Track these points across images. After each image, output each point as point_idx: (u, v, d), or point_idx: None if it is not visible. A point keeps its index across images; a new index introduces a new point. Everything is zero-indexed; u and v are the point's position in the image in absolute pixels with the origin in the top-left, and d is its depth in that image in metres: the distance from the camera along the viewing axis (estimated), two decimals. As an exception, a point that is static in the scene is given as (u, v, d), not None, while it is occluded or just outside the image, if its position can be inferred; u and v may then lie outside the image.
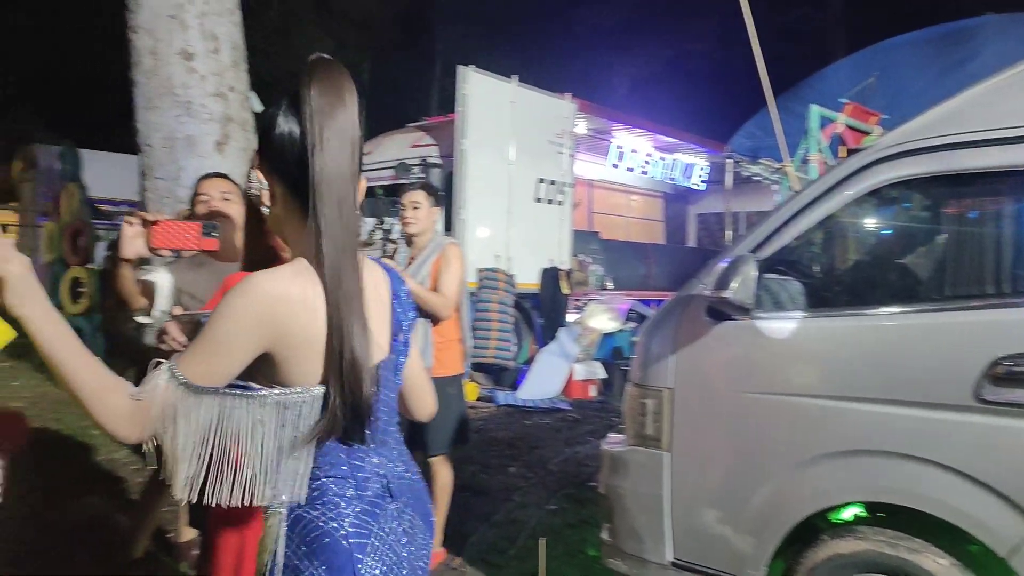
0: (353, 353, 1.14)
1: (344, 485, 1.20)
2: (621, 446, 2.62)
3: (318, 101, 1.14)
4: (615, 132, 10.73)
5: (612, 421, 6.71)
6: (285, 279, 1.16)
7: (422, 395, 1.49)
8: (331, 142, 1.14)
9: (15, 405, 6.15)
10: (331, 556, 1.16)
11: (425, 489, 1.37)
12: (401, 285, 1.36)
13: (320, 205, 1.14)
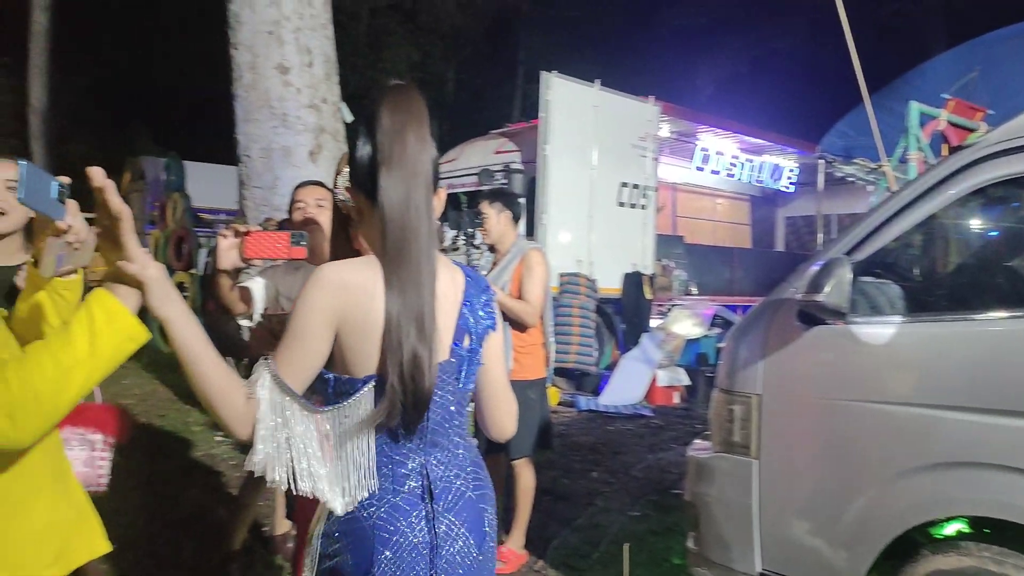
0: (412, 346, 1.20)
1: (383, 478, 1.26)
2: (707, 453, 2.58)
3: (388, 122, 1.24)
4: (700, 134, 10.54)
5: (696, 428, 6.58)
6: (349, 268, 1.26)
7: (496, 412, 1.49)
8: (399, 159, 1.23)
9: (125, 402, 6.55)
10: (357, 539, 1.24)
11: (483, 501, 1.35)
12: (480, 294, 1.38)
13: (388, 215, 1.23)
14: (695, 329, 8.28)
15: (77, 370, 1.05)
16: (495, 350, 1.44)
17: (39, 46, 15.33)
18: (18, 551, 1.16)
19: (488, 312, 1.39)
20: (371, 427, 1.23)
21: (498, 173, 8.23)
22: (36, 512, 1.20)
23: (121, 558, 3.32)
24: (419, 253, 1.23)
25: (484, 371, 1.42)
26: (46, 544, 1.20)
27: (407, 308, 1.21)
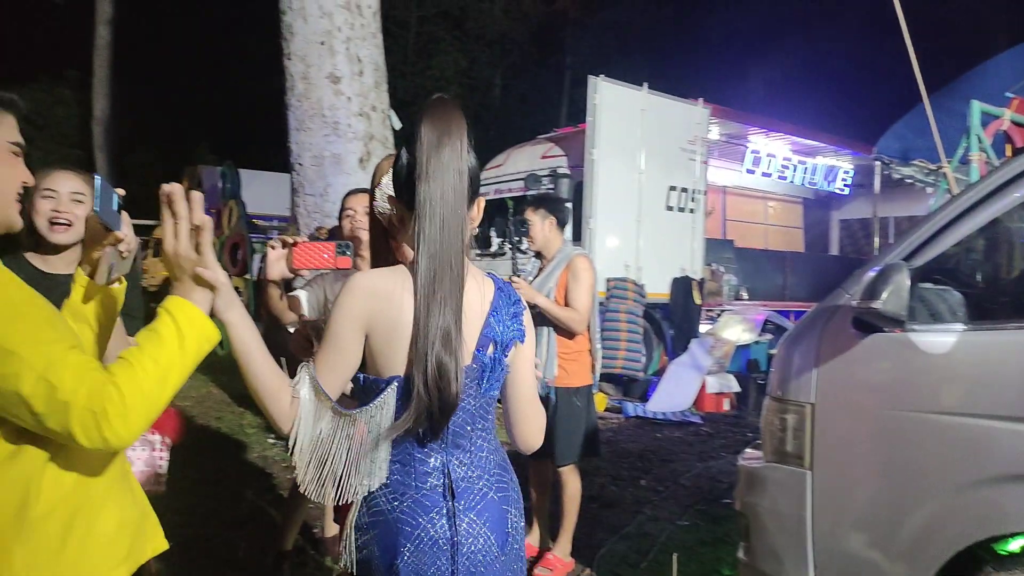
0: (438, 355, 1.26)
1: (406, 474, 1.33)
2: (759, 462, 2.53)
3: (427, 136, 1.29)
4: (751, 136, 10.37)
5: (747, 436, 6.46)
6: (378, 276, 1.36)
7: (522, 425, 1.50)
8: (436, 171, 1.29)
9: (182, 404, 6.74)
10: (382, 532, 1.31)
11: (506, 503, 1.39)
12: (509, 305, 1.42)
13: (422, 225, 1.29)
14: (746, 335, 8.15)
15: (173, 370, 1.13)
16: (523, 363, 1.46)
17: (102, 59, 15.94)
18: (95, 553, 1.20)
19: (516, 323, 1.42)
20: (399, 431, 1.29)
21: (545, 178, 8.23)
22: (109, 513, 1.24)
23: (177, 557, 3.41)
24: (448, 263, 1.29)
25: (511, 384, 1.46)
26: (118, 544, 1.24)
27: (434, 317, 1.27)
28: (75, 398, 1.04)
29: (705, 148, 8.98)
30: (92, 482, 1.22)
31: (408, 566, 1.29)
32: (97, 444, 1.06)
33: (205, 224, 1.16)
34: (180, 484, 4.35)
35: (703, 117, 8.88)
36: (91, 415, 1.05)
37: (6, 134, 1.21)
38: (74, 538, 1.17)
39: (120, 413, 1.05)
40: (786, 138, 10.63)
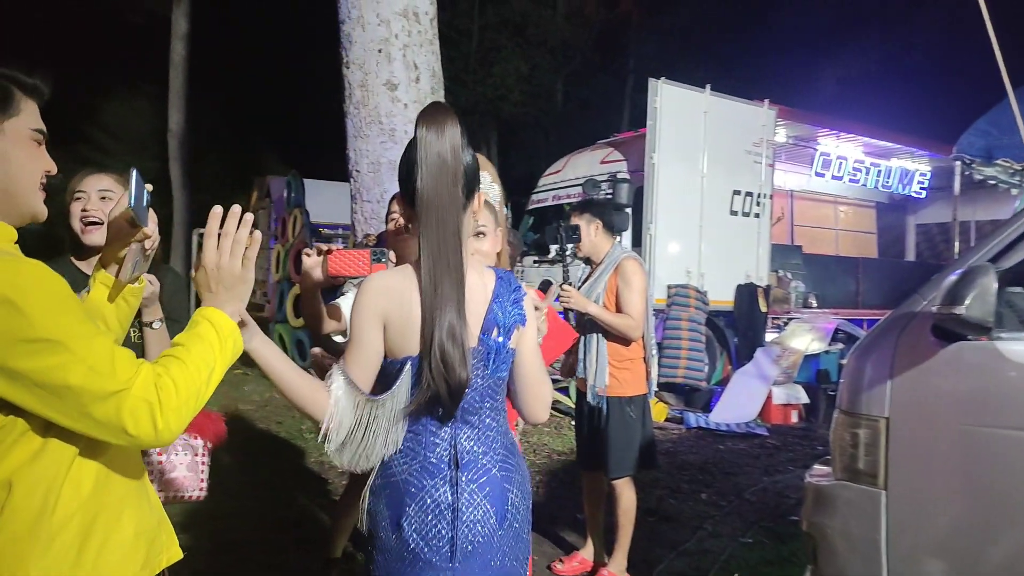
0: (441, 337, 1.37)
1: (417, 442, 1.45)
2: (828, 480, 2.36)
3: (423, 136, 1.41)
4: (820, 138, 10.00)
5: (816, 450, 6.19)
6: (388, 276, 1.50)
7: (525, 396, 1.59)
8: (431, 172, 1.40)
9: (244, 407, 6.88)
10: (391, 493, 1.45)
11: (508, 482, 1.48)
12: (510, 293, 1.53)
13: (423, 220, 1.41)
14: (815, 344, 7.83)
15: (216, 372, 1.16)
16: (527, 342, 1.55)
17: (177, 73, 16.56)
18: (113, 562, 1.17)
19: (517, 308, 1.52)
20: (414, 409, 1.42)
21: (604, 183, 8.10)
22: (127, 520, 1.20)
23: (228, 558, 3.44)
24: (447, 259, 1.40)
25: (516, 363, 1.55)
26: (136, 552, 1.21)
27: (439, 311, 1.39)
28: (129, 388, 1.04)
29: (771, 151, 8.69)
30: (111, 487, 1.19)
31: (412, 525, 1.41)
32: (146, 435, 1.05)
33: (257, 240, 1.26)
34: (237, 487, 4.43)
35: (769, 119, 8.60)
36: (146, 405, 1.04)
37: (29, 121, 1.18)
38: (91, 547, 1.14)
39: (175, 406, 1.07)
40: (858, 139, 10.20)
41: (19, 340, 1.00)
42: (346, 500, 3.17)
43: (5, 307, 0.99)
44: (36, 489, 1.09)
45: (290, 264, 9.94)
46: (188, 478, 2.02)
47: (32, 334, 1.00)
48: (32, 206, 1.20)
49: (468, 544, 1.41)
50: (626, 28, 24.43)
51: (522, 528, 1.51)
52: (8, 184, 1.16)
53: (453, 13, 21.86)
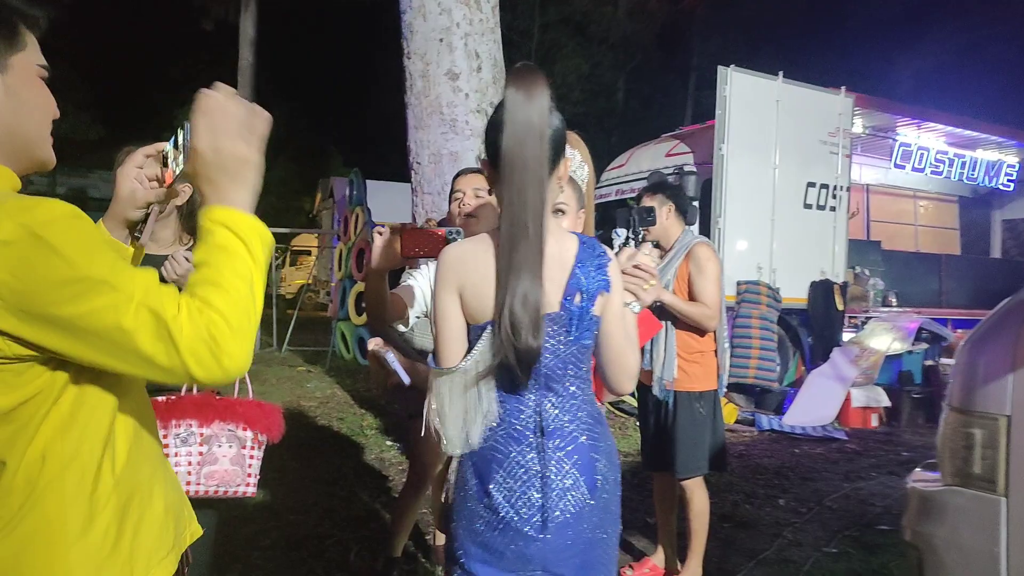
0: (513, 303, 1.34)
1: (503, 409, 1.43)
2: (936, 485, 2.12)
3: (510, 100, 1.35)
4: (899, 128, 9.49)
5: (900, 455, 5.82)
6: (463, 244, 1.49)
7: (611, 368, 1.52)
8: (517, 131, 1.34)
9: (307, 404, 6.89)
10: (478, 461, 1.43)
11: (595, 451, 1.44)
12: (593, 258, 1.46)
13: (505, 182, 1.37)
14: (896, 344, 7.40)
15: (257, 282, 1.00)
16: (612, 311, 1.49)
17: (245, 78, 16.92)
18: (149, 542, 1.07)
19: (601, 273, 1.45)
20: (486, 374, 1.39)
21: (670, 176, 7.84)
22: (157, 496, 1.11)
23: (290, 555, 3.37)
24: (526, 223, 1.35)
25: (602, 328, 1.49)
26: (166, 530, 1.11)
27: (514, 275, 1.34)
28: (180, 327, 0.90)
29: (848, 141, 8.27)
30: (142, 460, 1.08)
31: (501, 491, 1.38)
32: (216, 376, 0.93)
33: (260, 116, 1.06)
34: (299, 484, 4.38)
35: (846, 107, 8.18)
36: (203, 344, 0.91)
37: (34, 56, 1.06)
38: (128, 528, 1.03)
39: (229, 337, 0.93)
40: (941, 129, 9.65)
41: (58, 283, 0.87)
42: (404, 500, 3.06)
43: (37, 246, 0.87)
44: (73, 464, 0.98)
45: (352, 262, 9.98)
46: (232, 472, 1.88)
47: (72, 274, 0.88)
48: (43, 150, 1.09)
49: (560, 513, 1.38)
50: (689, 22, 23.95)
51: (611, 499, 1.46)
52: (19, 124, 1.03)
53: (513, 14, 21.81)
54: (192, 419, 1.86)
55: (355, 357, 9.69)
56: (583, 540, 1.40)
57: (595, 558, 1.44)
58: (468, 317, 1.44)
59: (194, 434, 1.86)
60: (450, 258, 1.45)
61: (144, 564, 1.05)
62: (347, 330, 9.96)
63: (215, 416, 1.86)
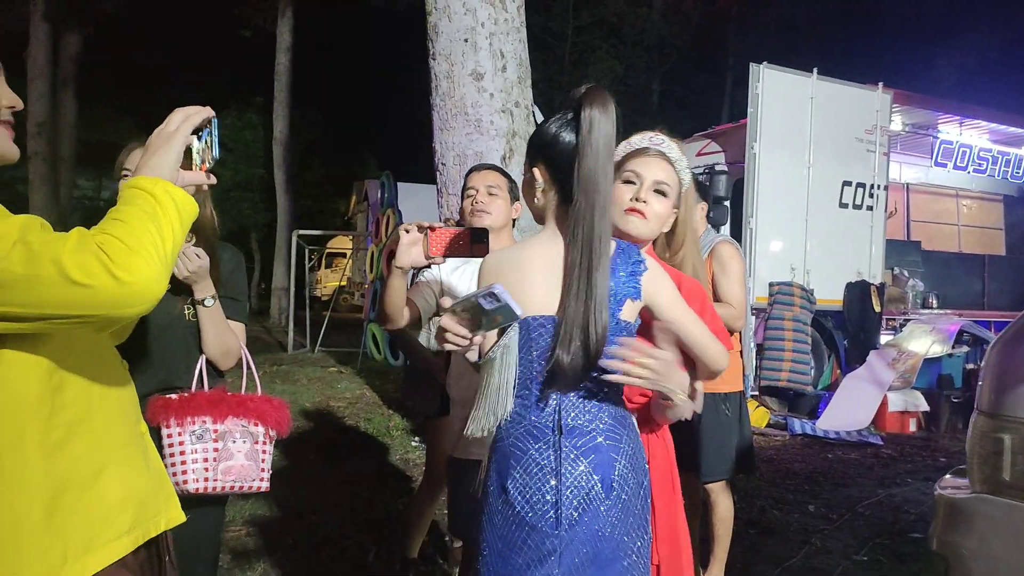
0: (588, 306, 1.40)
1: (524, 407, 1.47)
2: (964, 493, 2.03)
3: (592, 117, 1.42)
4: (940, 125, 9.21)
5: (938, 461, 5.65)
6: (505, 251, 1.57)
7: (701, 357, 1.54)
8: (598, 151, 1.42)
9: (336, 404, 6.94)
10: (499, 456, 1.48)
11: (615, 451, 1.44)
12: (628, 264, 1.49)
13: (583, 198, 1.42)
14: (936, 347, 7.19)
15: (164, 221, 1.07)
16: (673, 311, 1.51)
17: (282, 84, 17.19)
18: (93, 522, 1.10)
19: (633, 280, 1.48)
20: (548, 366, 1.43)
21: (701, 176, 7.72)
22: (111, 479, 1.14)
23: (309, 556, 3.38)
24: (599, 238, 1.41)
25: (677, 331, 1.50)
26: (122, 513, 1.14)
27: (587, 282, 1.40)
28: (64, 243, 0.98)
29: (886, 139, 8.06)
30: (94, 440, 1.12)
31: (517, 488, 1.42)
32: (108, 285, 0.97)
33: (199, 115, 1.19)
34: (324, 484, 4.40)
35: (884, 104, 7.97)
36: (91, 256, 0.97)
37: None
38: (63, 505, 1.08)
39: (126, 253, 0.99)
40: (984, 126, 9.34)
41: None
42: (420, 500, 3.05)
43: None
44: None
45: (383, 263, 10.04)
46: (248, 467, 1.88)
47: None
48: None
49: (573, 511, 1.39)
50: (725, 22, 23.66)
51: (632, 501, 1.45)
52: None
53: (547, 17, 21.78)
54: (206, 415, 1.86)
55: (386, 358, 9.75)
56: (599, 538, 1.40)
57: (610, 557, 1.42)
58: None
59: (208, 430, 1.86)
60: (490, 267, 1.54)
61: (82, 544, 1.08)
62: (378, 332, 10.03)
63: (228, 412, 1.87)
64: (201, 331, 1.91)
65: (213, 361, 1.96)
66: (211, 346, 1.93)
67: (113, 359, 1.24)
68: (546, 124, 1.54)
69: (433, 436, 3.04)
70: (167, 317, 1.87)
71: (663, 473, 1.63)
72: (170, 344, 1.90)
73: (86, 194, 21.10)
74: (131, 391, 1.25)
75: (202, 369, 1.93)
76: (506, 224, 2.36)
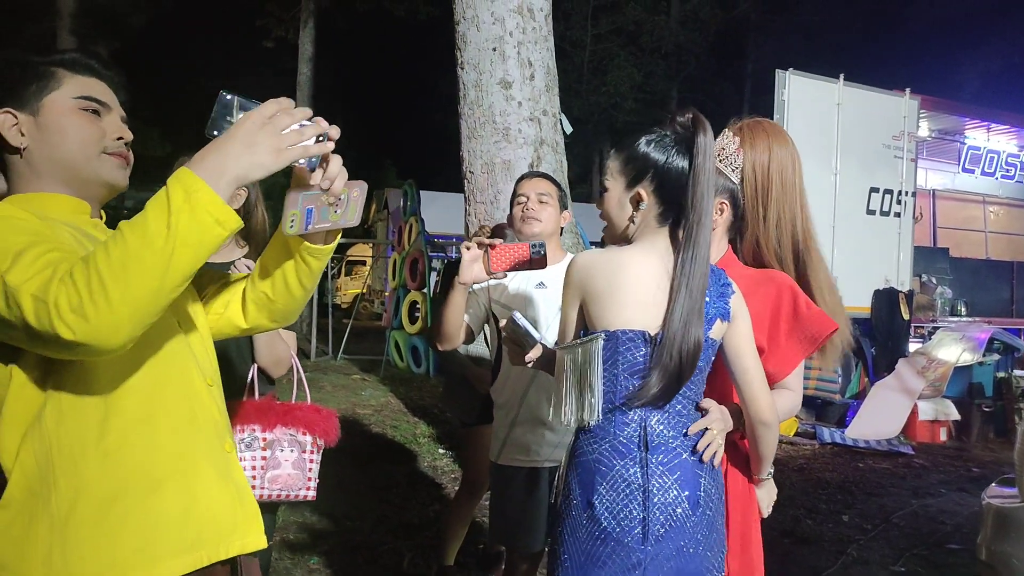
0: (687, 328, 1.41)
1: (608, 422, 1.46)
2: (1014, 502, 2.01)
3: (704, 145, 1.46)
4: (967, 131, 9.15)
5: (972, 472, 5.57)
6: (595, 253, 1.53)
7: (744, 396, 1.53)
8: (708, 178, 1.45)
9: (361, 411, 6.97)
10: (582, 473, 1.47)
11: (699, 467, 1.45)
12: (719, 286, 1.51)
13: (693, 220, 1.44)
14: (966, 355, 7.08)
15: (150, 256, 0.93)
16: (738, 340, 1.52)
17: (304, 94, 17.34)
18: (146, 534, 1.08)
19: (722, 301, 1.50)
20: (644, 398, 1.42)
21: (726, 183, 7.70)
22: (171, 496, 1.11)
23: (345, 561, 3.40)
24: (706, 256, 1.45)
25: (729, 360, 1.53)
26: (183, 530, 1.11)
27: (691, 299, 1.42)
28: (31, 286, 0.94)
29: (914, 145, 8.00)
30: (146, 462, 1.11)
31: (603, 503, 1.42)
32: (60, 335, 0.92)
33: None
34: (355, 489, 4.42)
35: (911, 110, 7.92)
36: (42, 304, 0.93)
37: (71, 91, 1.20)
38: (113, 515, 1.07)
39: (74, 309, 0.91)
40: (1012, 132, 9.27)
41: None
42: (457, 508, 3.06)
43: None
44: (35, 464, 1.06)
45: (406, 271, 10.08)
46: (295, 476, 1.90)
47: None
48: (95, 172, 1.20)
49: (660, 527, 1.40)
50: (744, 29, 23.60)
51: (715, 517, 1.48)
52: (61, 154, 1.17)
53: (566, 24, 21.84)
54: (255, 424, 1.88)
55: (408, 366, 9.77)
56: (685, 554, 1.42)
57: (694, 573, 1.44)
58: (596, 322, 1.49)
59: (257, 439, 1.88)
60: (577, 265, 1.53)
61: (133, 554, 1.06)
62: (401, 339, 10.06)
63: (277, 421, 1.89)
64: (254, 340, 1.94)
65: (265, 369, 1.98)
66: (264, 355, 1.96)
67: (191, 373, 1.21)
68: (647, 146, 1.52)
69: (473, 444, 3.05)
70: None
71: (739, 485, 1.62)
72: (227, 353, 1.91)
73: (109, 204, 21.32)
74: (214, 407, 1.23)
75: (254, 377, 1.95)
76: (555, 232, 2.37)
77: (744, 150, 1.75)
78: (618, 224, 1.57)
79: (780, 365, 1.63)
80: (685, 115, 1.52)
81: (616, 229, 1.57)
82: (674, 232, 1.50)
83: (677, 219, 1.49)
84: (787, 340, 1.62)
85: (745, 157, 1.75)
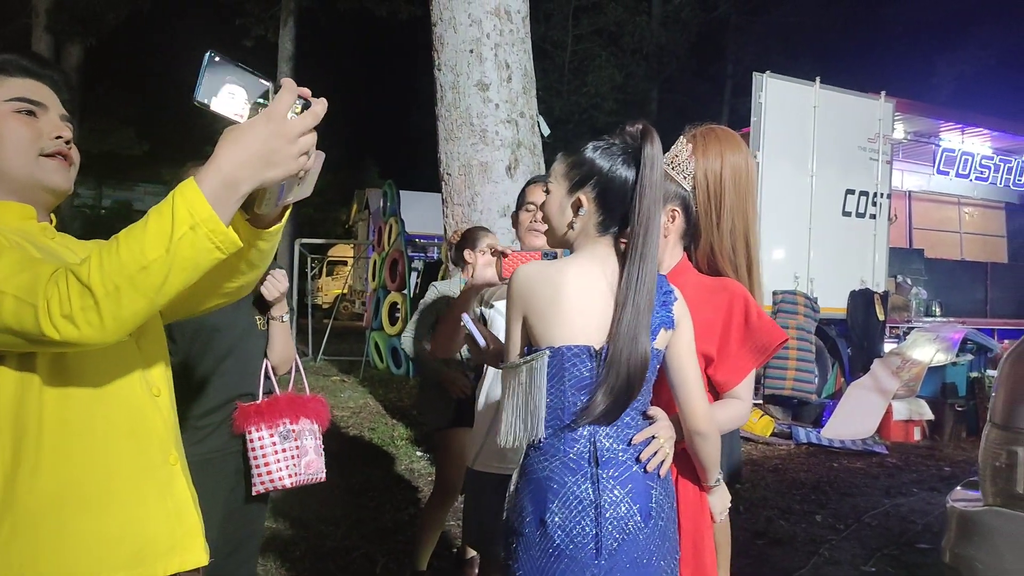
0: (635, 335, 1.40)
1: (557, 439, 1.44)
2: (976, 505, 2.03)
3: (651, 156, 1.44)
4: (942, 133, 9.25)
5: (943, 471, 5.64)
6: (536, 266, 1.51)
7: (681, 405, 1.51)
8: (654, 190, 1.44)
9: (339, 413, 6.93)
10: (533, 490, 1.45)
11: (650, 479, 1.44)
12: (661, 294, 1.48)
13: (639, 232, 1.43)
14: (940, 355, 7.18)
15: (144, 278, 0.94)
16: (677, 349, 1.50)
17: (283, 93, 17.25)
18: (94, 550, 1.07)
19: (665, 309, 1.48)
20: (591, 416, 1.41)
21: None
22: (111, 514, 1.10)
23: (318, 566, 3.38)
24: (651, 268, 1.43)
25: (669, 368, 1.51)
26: (119, 547, 1.10)
27: (635, 312, 1.40)
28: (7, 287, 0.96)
29: (889, 147, 8.09)
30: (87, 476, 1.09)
31: (555, 521, 1.40)
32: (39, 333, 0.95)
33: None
34: (329, 493, 4.39)
35: (886, 113, 8.00)
36: (28, 307, 0.94)
37: (3, 94, 1.18)
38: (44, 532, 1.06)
39: (65, 315, 0.94)
40: (986, 134, 9.39)
41: None
42: (429, 513, 3.05)
43: None
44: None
45: (386, 272, 10.04)
46: (317, 461, 2.10)
47: None
48: (32, 176, 1.19)
49: (613, 541, 1.39)
50: (724, 30, 23.76)
51: (668, 526, 1.48)
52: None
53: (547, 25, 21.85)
54: (286, 417, 2.07)
55: (388, 367, 9.73)
56: (639, 565, 1.41)
57: None
58: (538, 339, 1.47)
59: (290, 431, 2.07)
60: (517, 279, 1.50)
61: (86, 571, 1.06)
62: (381, 340, 10.02)
63: (301, 413, 2.08)
64: (270, 341, 2.13)
65: (275, 367, 2.16)
66: (277, 354, 2.15)
67: (134, 384, 1.17)
68: (593, 153, 1.50)
69: (446, 447, 3.04)
70: (248, 327, 2.08)
71: (690, 493, 1.61)
72: (246, 352, 2.09)
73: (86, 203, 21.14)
74: (158, 419, 1.19)
75: (268, 374, 2.14)
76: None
77: (696, 157, 1.74)
78: (557, 228, 1.56)
79: (731, 374, 1.62)
80: (635, 126, 1.51)
81: (556, 233, 1.56)
82: (618, 242, 1.49)
83: (620, 229, 1.48)
84: (739, 349, 1.62)
85: (697, 165, 1.74)
